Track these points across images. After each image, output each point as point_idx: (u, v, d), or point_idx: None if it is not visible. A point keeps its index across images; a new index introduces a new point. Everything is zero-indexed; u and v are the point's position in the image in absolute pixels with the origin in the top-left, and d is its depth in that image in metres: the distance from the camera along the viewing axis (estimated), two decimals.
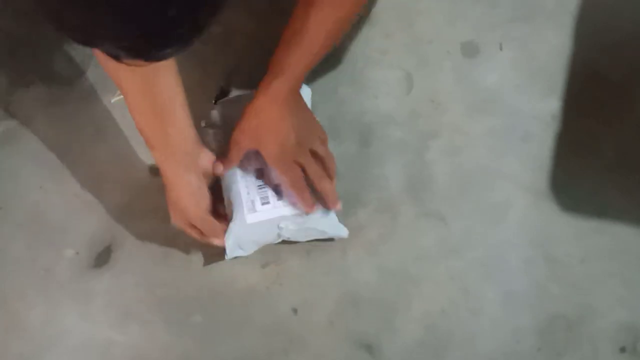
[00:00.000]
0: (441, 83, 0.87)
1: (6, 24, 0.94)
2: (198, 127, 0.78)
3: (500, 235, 0.81)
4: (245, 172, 0.79)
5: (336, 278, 0.80)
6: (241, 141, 0.77)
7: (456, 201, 0.82)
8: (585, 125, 0.84)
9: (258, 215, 0.77)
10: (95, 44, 0.44)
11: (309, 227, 0.78)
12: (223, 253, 0.77)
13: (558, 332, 0.77)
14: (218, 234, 0.76)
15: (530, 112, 0.85)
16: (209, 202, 0.78)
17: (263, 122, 0.75)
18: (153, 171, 0.85)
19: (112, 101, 0.89)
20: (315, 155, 0.77)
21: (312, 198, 0.76)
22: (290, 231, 0.77)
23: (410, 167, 0.84)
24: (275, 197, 0.78)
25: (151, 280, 0.82)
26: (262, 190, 0.78)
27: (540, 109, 0.85)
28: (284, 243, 0.80)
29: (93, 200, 0.85)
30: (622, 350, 0.76)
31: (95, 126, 0.88)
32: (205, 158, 0.78)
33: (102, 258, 0.83)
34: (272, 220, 0.77)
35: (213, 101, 0.86)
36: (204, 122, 0.84)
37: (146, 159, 0.86)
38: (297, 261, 0.81)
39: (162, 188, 0.77)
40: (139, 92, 0.72)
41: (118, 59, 0.45)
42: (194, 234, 0.77)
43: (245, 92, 0.85)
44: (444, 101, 0.86)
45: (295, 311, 0.80)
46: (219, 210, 0.80)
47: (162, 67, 0.68)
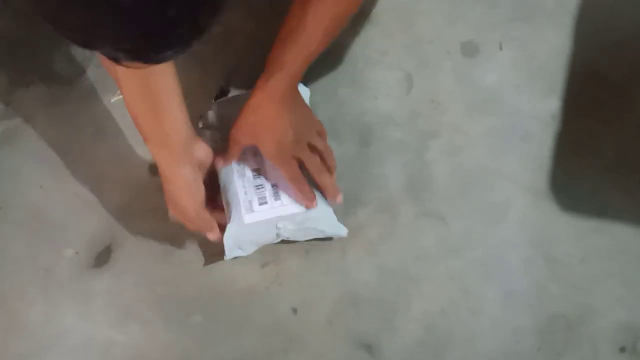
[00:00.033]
0: (441, 83, 0.87)
1: (6, 24, 0.94)
2: (196, 128, 0.78)
3: (500, 235, 0.81)
4: (242, 173, 0.79)
5: (336, 278, 0.80)
6: (239, 138, 0.77)
7: (456, 201, 0.82)
8: (585, 125, 0.84)
9: (256, 215, 0.77)
10: (94, 46, 0.43)
11: (308, 227, 0.78)
12: (223, 253, 0.77)
13: (558, 332, 0.77)
14: (212, 228, 0.76)
15: (530, 112, 0.85)
16: (204, 195, 0.76)
17: (260, 120, 0.75)
18: (153, 171, 0.85)
19: (112, 101, 0.89)
20: (314, 149, 0.78)
21: (312, 192, 0.77)
22: (289, 231, 0.77)
23: (410, 167, 0.84)
24: (273, 198, 0.78)
25: (151, 280, 0.82)
26: (260, 190, 0.78)
27: (540, 109, 0.85)
28: (284, 243, 0.80)
29: (93, 200, 0.85)
30: (622, 350, 0.76)
31: (95, 126, 0.88)
32: (200, 150, 0.77)
33: (102, 258, 0.83)
34: (270, 220, 0.77)
35: (213, 101, 0.86)
36: (201, 123, 0.84)
37: (146, 159, 0.86)
38: (297, 261, 0.81)
39: (162, 186, 0.77)
40: (135, 84, 0.71)
41: (118, 62, 0.45)
42: (191, 227, 0.77)
43: (242, 92, 0.86)
44: (444, 101, 0.86)
45: (295, 311, 0.80)
46: (217, 201, 0.79)
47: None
